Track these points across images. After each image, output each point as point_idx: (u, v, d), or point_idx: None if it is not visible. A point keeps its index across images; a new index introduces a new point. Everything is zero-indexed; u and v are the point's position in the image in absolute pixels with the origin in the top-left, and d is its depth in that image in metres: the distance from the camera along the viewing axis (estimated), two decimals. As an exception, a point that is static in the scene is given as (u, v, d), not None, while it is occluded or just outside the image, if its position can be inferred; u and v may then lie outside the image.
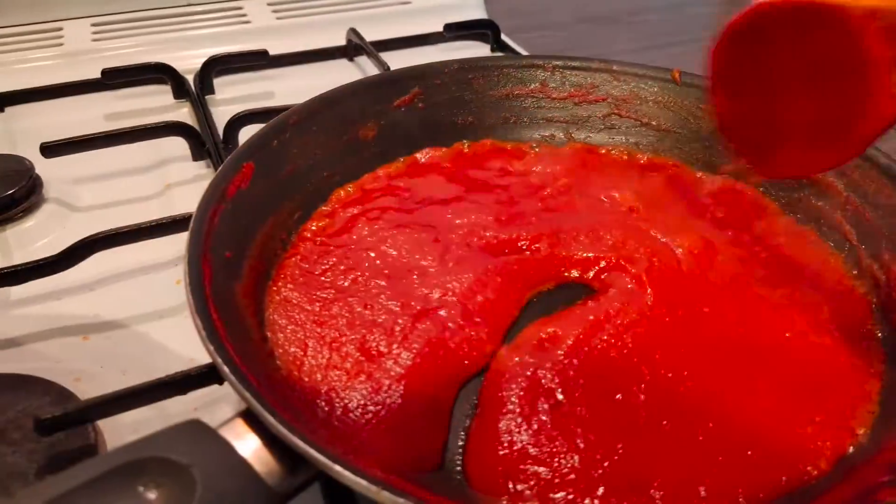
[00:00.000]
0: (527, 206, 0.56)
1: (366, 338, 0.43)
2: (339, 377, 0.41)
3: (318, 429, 0.37)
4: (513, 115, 0.66)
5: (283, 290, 0.47)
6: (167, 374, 0.43)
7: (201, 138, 0.72)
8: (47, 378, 0.46)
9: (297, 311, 0.45)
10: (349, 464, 0.30)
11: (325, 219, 0.54)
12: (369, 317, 0.45)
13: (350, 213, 0.54)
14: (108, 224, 0.57)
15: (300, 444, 0.31)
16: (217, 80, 0.84)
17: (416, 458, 0.38)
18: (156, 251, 0.59)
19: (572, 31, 1.11)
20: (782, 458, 0.38)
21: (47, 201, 0.66)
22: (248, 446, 0.32)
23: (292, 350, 0.43)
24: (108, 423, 0.44)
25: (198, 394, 0.44)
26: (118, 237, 0.56)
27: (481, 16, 1.01)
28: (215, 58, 0.83)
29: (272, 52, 0.85)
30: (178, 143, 0.72)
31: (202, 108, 0.78)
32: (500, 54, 0.92)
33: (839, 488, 0.36)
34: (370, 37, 0.88)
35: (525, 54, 0.89)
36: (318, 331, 0.44)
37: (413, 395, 0.41)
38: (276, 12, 0.98)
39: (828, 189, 0.54)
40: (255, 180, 0.50)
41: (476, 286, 0.48)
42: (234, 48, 0.88)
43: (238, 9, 0.97)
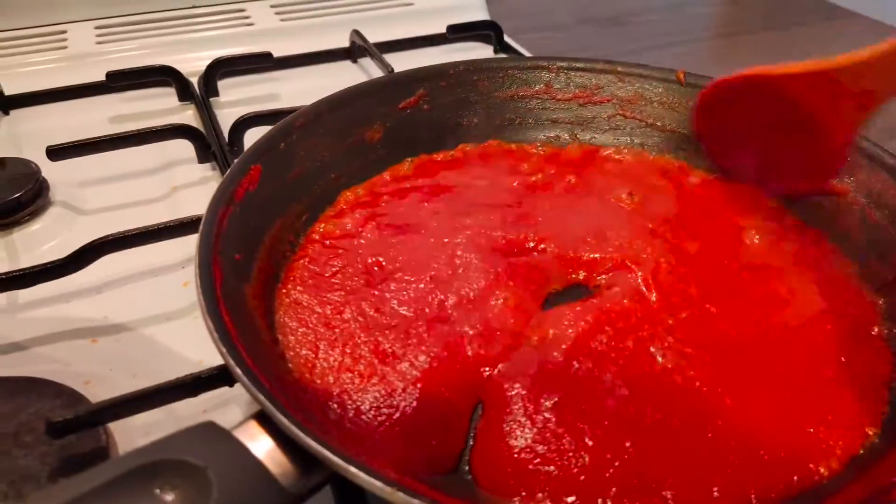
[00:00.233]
0: (533, 207, 0.56)
1: (379, 341, 0.43)
2: (352, 380, 0.41)
3: (331, 430, 0.37)
4: (518, 117, 0.66)
5: (292, 292, 0.47)
6: (176, 376, 0.43)
7: (207, 141, 0.72)
8: (57, 381, 0.46)
9: (307, 313, 0.45)
10: (363, 465, 0.30)
11: (333, 221, 0.54)
12: (381, 320, 0.45)
13: (358, 216, 0.54)
14: (114, 227, 0.57)
15: (314, 446, 0.31)
16: (221, 83, 0.85)
17: (430, 460, 0.38)
18: (163, 253, 0.59)
19: (574, 31, 1.11)
20: (793, 459, 0.38)
21: (54, 204, 0.66)
22: (261, 448, 0.32)
23: (304, 352, 0.43)
24: (118, 426, 0.44)
25: (207, 396, 0.44)
26: (126, 240, 0.56)
27: (484, 17, 1.01)
28: (220, 60, 0.84)
29: (276, 54, 0.86)
30: (184, 146, 0.72)
31: (207, 111, 0.78)
32: (505, 56, 0.92)
33: (851, 488, 0.36)
34: (373, 38, 0.89)
35: (530, 56, 0.89)
36: (330, 333, 0.44)
37: (429, 399, 0.41)
38: (279, 14, 0.98)
39: (834, 189, 0.54)
40: (263, 183, 0.50)
41: (489, 290, 0.48)
42: (238, 50, 0.88)
43: (241, 11, 0.98)
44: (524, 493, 0.37)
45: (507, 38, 0.96)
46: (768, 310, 0.48)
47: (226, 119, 0.75)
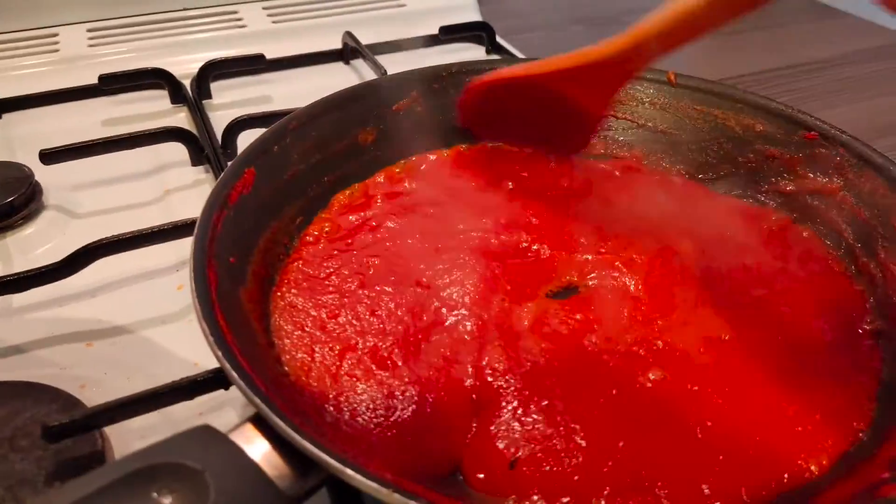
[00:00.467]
0: (526, 208, 0.56)
1: (374, 344, 0.44)
2: (348, 383, 0.41)
3: (327, 433, 0.38)
4: (511, 118, 0.66)
5: (287, 295, 0.47)
6: (171, 379, 0.43)
7: (200, 143, 0.72)
8: (53, 385, 0.46)
9: (302, 316, 0.45)
10: (360, 467, 0.31)
11: (327, 223, 0.54)
12: (377, 324, 0.45)
13: (352, 218, 0.54)
14: (107, 230, 0.57)
15: (310, 448, 0.31)
16: (214, 85, 0.85)
17: (426, 463, 0.38)
18: (157, 257, 0.59)
19: (566, 32, 1.11)
20: (784, 456, 0.39)
21: (47, 208, 0.66)
22: (258, 451, 0.32)
23: (300, 356, 0.43)
24: (114, 429, 0.44)
25: (203, 398, 0.45)
26: (120, 243, 0.56)
27: (476, 18, 1.01)
28: (212, 62, 0.84)
29: (268, 55, 0.86)
30: (177, 149, 0.72)
31: (200, 113, 0.78)
32: (497, 57, 0.93)
33: (841, 485, 0.37)
34: (366, 40, 0.89)
35: (522, 57, 0.89)
36: (325, 336, 0.44)
37: (424, 401, 0.41)
38: (271, 16, 0.98)
39: (823, 188, 0.55)
40: (257, 186, 0.50)
41: (483, 292, 0.48)
42: (230, 53, 0.88)
43: (234, 13, 0.98)
44: (517, 494, 0.37)
45: (499, 39, 0.96)
46: (758, 309, 0.48)
47: (219, 121, 0.75)
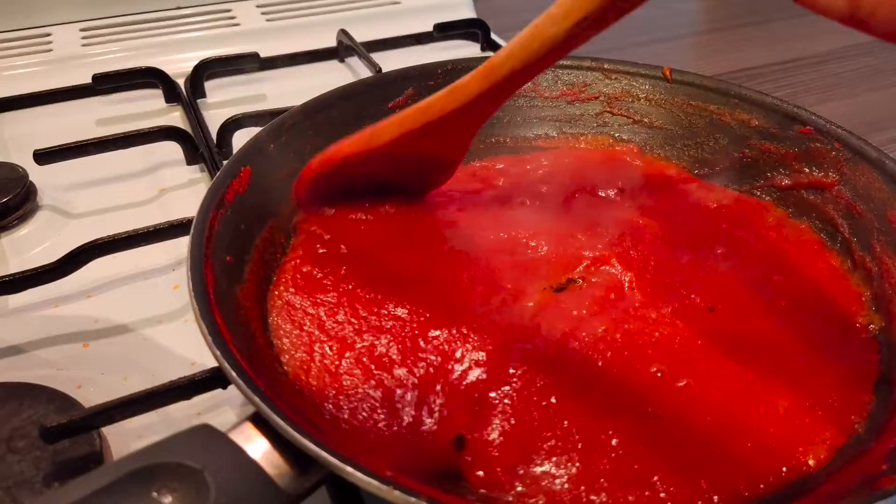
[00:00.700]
0: (523, 205, 0.56)
1: (373, 343, 0.43)
2: (348, 382, 0.41)
3: (326, 431, 0.38)
4: (506, 115, 0.66)
5: (284, 293, 0.47)
6: (168, 378, 0.43)
7: (195, 143, 0.72)
8: (50, 386, 0.46)
9: (300, 314, 0.45)
10: (359, 464, 0.31)
11: (325, 221, 0.54)
12: (376, 322, 0.45)
13: (349, 217, 0.54)
14: (103, 230, 0.57)
15: (310, 446, 0.31)
16: (208, 84, 0.84)
17: (426, 462, 0.38)
18: (153, 256, 0.59)
19: (561, 28, 1.11)
20: (781, 450, 0.39)
21: (42, 208, 0.65)
22: (257, 449, 0.32)
23: (298, 354, 0.43)
24: (112, 430, 0.44)
25: (202, 398, 0.45)
26: (116, 243, 0.56)
27: (470, 15, 1.01)
28: (206, 61, 0.83)
29: (262, 54, 0.85)
30: (171, 148, 0.71)
31: (194, 112, 0.78)
32: (491, 54, 0.92)
33: (839, 478, 0.37)
34: (360, 38, 0.89)
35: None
36: (324, 335, 0.44)
37: (424, 398, 0.41)
38: (265, 14, 0.97)
39: (819, 183, 0.55)
40: (253, 184, 0.50)
41: (481, 289, 0.48)
42: (224, 51, 0.87)
43: (227, 11, 0.97)
44: (516, 491, 0.37)
45: (493, 36, 0.96)
46: (754, 303, 0.48)
47: (213, 120, 0.74)
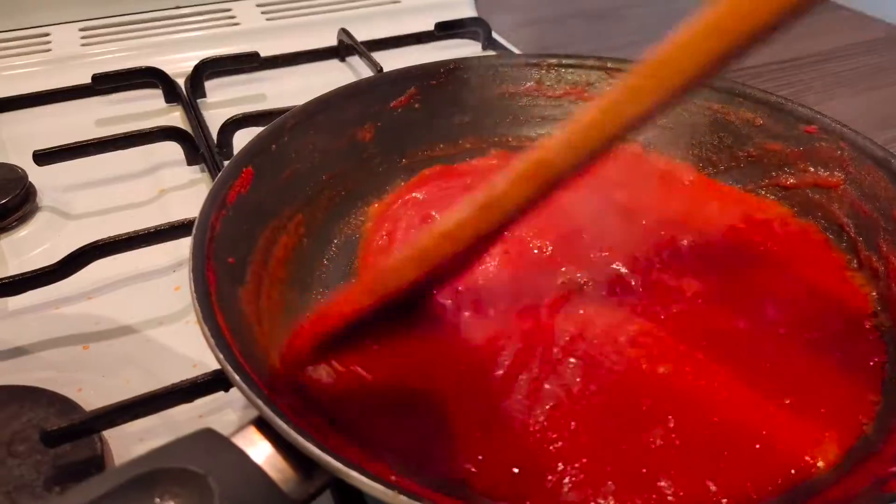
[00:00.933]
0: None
1: (380, 345, 0.43)
2: (353, 384, 0.41)
3: (330, 435, 0.37)
4: (509, 114, 0.65)
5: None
6: (170, 381, 0.43)
7: (195, 143, 0.71)
8: (50, 389, 0.46)
9: None
10: (365, 469, 0.30)
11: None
12: (379, 323, 0.44)
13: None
14: (103, 231, 0.56)
15: (314, 450, 0.31)
16: (208, 83, 0.84)
17: (432, 467, 0.38)
18: (153, 257, 0.59)
19: (561, 26, 1.11)
20: (789, 452, 0.38)
21: (41, 209, 0.65)
22: (261, 453, 0.32)
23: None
24: (113, 433, 0.44)
25: (203, 400, 0.44)
26: (116, 245, 0.55)
27: (471, 13, 1.01)
28: (206, 61, 0.83)
29: (262, 53, 0.85)
30: (171, 148, 0.71)
31: (194, 112, 0.78)
32: (496, 53, 0.92)
33: (848, 480, 0.36)
34: (361, 37, 0.88)
35: (520, 53, 0.89)
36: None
37: (430, 402, 0.40)
38: (265, 13, 0.97)
39: (825, 182, 0.55)
40: (255, 185, 0.49)
41: (488, 296, 0.48)
42: (224, 51, 0.87)
43: (227, 10, 0.97)
44: (522, 498, 0.37)
45: (494, 35, 0.95)
46: (761, 303, 0.48)
47: (213, 120, 0.74)
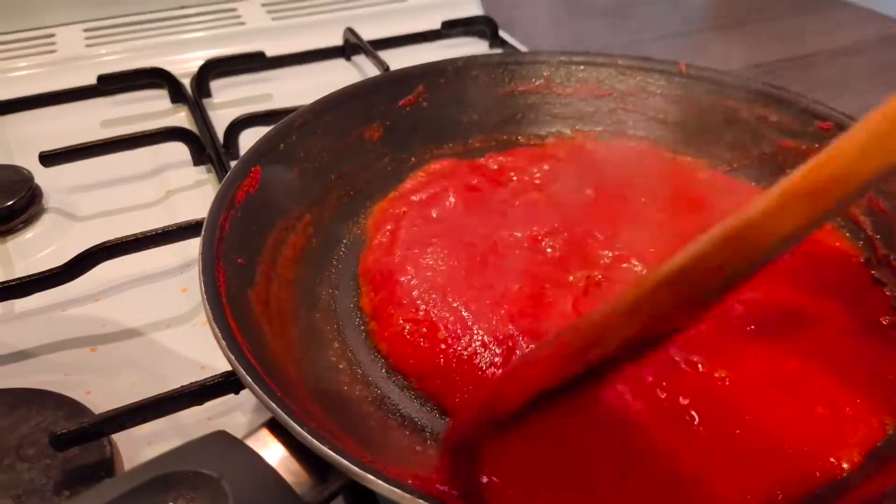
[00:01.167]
0: (538, 204, 0.55)
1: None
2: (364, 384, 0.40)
3: (344, 437, 0.37)
4: (518, 112, 0.65)
5: (297, 295, 0.46)
6: (178, 383, 0.42)
7: (201, 143, 0.71)
8: (58, 392, 0.45)
9: None
10: (380, 472, 0.30)
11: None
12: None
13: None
14: (109, 233, 0.56)
15: (329, 453, 0.30)
16: (214, 84, 0.84)
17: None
18: (160, 259, 0.58)
19: (569, 24, 1.10)
20: (814, 453, 0.38)
21: (47, 211, 0.64)
22: (275, 456, 0.32)
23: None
24: (122, 436, 0.43)
25: (212, 403, 0.44)
26: (123, 246, 0.55)
27: (477, 11, 1.00)
28: (212, 61, 0.83)
29: (268, 53, 0.85)
30: (178, 149, 0.70)
31: (200, 112, 0.77)
32: (504, 51, 0.91)
33: (873, 481, 0.36)
34: (367, 36, 0.88)
35: (529, 51, 0.88)
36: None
37: (441, 407, 0.40)
38: (270, 13, 0.96)
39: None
40: (263, 185, 0.49)
41: (503, 292, 0.47)
42: (229, 50, 0.87)
43: (232, 10, 0.96)
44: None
45: (501, 33, 0.95)
46: (780, 303, 0.47)
47: (220, 120, 0.74)
